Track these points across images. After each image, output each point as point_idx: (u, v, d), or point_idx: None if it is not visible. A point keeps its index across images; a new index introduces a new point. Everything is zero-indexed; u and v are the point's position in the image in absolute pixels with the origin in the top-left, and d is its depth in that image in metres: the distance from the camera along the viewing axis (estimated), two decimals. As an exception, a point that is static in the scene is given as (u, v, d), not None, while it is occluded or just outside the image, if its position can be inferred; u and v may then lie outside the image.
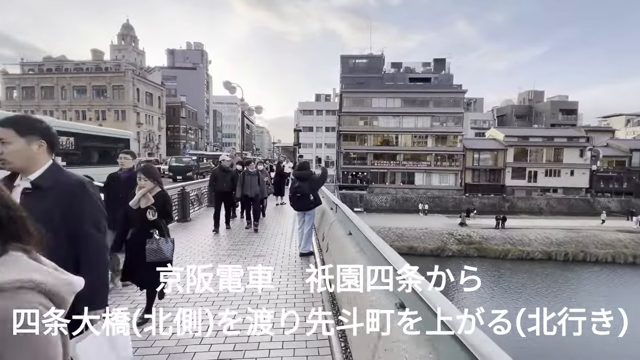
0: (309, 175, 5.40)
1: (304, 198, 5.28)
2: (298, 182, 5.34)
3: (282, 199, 11.44)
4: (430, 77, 48.22)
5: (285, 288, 4.04)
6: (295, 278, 4.37)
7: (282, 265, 4.93)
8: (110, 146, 10.67)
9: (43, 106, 46.43)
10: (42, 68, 48.62)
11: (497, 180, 42.83)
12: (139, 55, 59.91)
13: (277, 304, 3.58)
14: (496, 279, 21.68)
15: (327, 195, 7.22)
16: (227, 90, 12.94)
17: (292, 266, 4.86)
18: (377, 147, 44.71)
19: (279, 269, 4.70)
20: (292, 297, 3.80)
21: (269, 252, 5.60)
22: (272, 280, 4.03)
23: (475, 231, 28.43)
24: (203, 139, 69.64)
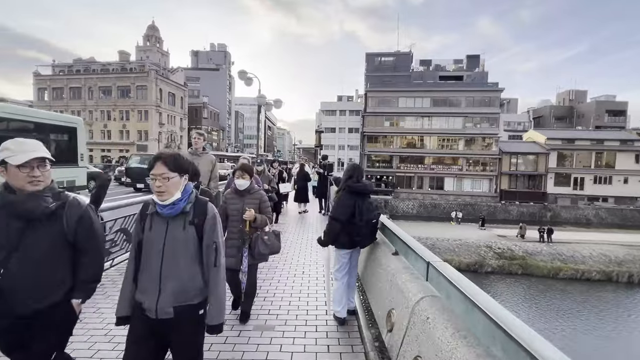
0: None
1: (374, 227, 3.22)
2: (365, 200, 3.07)
3: (305, 206, 9.61)
4: (463, 75, 44.99)
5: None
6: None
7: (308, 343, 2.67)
8: (47, 137, 7.30)
9: (71, 106, 47.37)
10: (71, 69, 49.79)
11: (538, 187, 39.01)
12: (163, 56, 60.45)
13: None
14: (548, 302, 18.72)
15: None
16: (242, 81, 11.11)
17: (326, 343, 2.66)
18: (404, 149, 42.07)
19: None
20: None
21: (282, 314, 3.20)
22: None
23: (517, 244, 25.31)
24: (224, 140, 69.43)
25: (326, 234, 3.03)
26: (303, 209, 9.61)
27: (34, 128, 7.02)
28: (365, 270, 3.34)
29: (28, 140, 1.58)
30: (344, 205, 2.93)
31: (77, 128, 8.16)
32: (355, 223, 2.91)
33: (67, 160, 7.94)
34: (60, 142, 7.86)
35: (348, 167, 3.15)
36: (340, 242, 2.99)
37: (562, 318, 16.95)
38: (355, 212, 2.91)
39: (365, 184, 3.07)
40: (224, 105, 69.35)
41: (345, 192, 2.98)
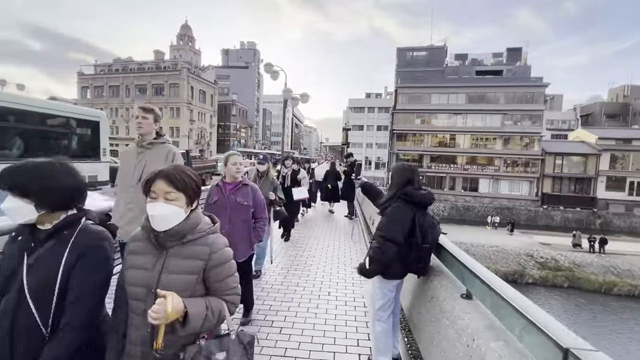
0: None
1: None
2: (426, 214, 2.31)
3: (332, 205, 9.08)
4: (502, 70, 42.03)
5: None
6: None
7: None
8: (68, 131, 7.00)
9: (110, 104, 49.90)
10: (111, 69, 52.40)
11: (586, 191, 35.59)
12: (195, 54, 62.10)
13: None
14: (601, 320, 16.69)
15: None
16: (268, 74, 10.54)
17: None
18: (436, 148, 40.08)
19: None
20: None
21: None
22: None
23: (563, 254, 23.01)
24: (252, 137, 70.36)
25: (374, 261, 2.17)
26: (331, 207, 9.02)
27: (53, 121, 6.81)
28: (413, 306, 2.50)
29: None
30: (400, 221, 2.15)
31: (99, 122, 7.92)
32: (415, 244, 2.15)
33: (88, 155, 7.74)
34: (81, 136, 7.67)
35: (402, 169, 2.36)
36: (391, 272, 2.21)
37: (621, 339, 14.99)
38: (416, 230, 2.14)
39: (428, 192, 2.29)
40: (252, 103, 70.19)
41: (401, 203, 2.19)
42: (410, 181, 2.21)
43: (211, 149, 52.36)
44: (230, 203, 2.75)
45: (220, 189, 2.83)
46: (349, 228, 6.67)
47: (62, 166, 1.18)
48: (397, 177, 2.29)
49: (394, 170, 2.38)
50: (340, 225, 7.30)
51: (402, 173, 2.29)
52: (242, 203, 2.77)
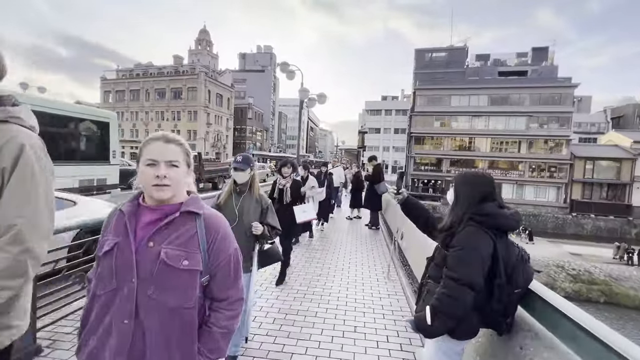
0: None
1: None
2: (510, 244, 1.60)
3: (358, 212, 8.47)
4: (527, 70, 40.22)
5: None
6: None
7: None
8: (76, 132, 6.72)
9: (130, 107, 51.14)
10: (132, 73, 53.78)
11: (620, 198, 33.31)
12: (213, 58, 63.01)
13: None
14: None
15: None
16: (284, 73, 10.05)
17: None
18: (455, 152, 38.65)
19: None
20: None
21: None
22: None
23: (598, 266, 21.35)
24: (268, 140, 70.57)
25: (443, 314, 1.44)
26: (356, 214, 8.43)
27: (62, 122, 6.49)
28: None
29: None
30: (478, 255, 1.44)
31: (109, 123, 7.60)
32: (499, 288, 1.46)
33: (98, 157, 7.43)
34: (91, 138, 7.36)
35: (475, 179, 1.66)
36: (463, 329, 1.51)
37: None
38: (499, 267, 1.45)
39: (515, 212, 1.58)
40: (268, 106, 70.48)
41: (474, 228, 1.48)
42: (487, 196, 1.55)
43: (227, 151, 52.70)
44: (141, 260, 1.02)
45: (125, 223, 1.05)
46: (371, 238, 5.96)
47: None
48: (468, 190, 1.60)
49: (462, 180, 1.68)
50: (362, 237, 6.46)
51: (476, 185, 1.61)
52: (172, 263, 1.02)
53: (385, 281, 3.89)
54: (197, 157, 13.67)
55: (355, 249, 5.53)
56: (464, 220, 1.50)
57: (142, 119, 50.51)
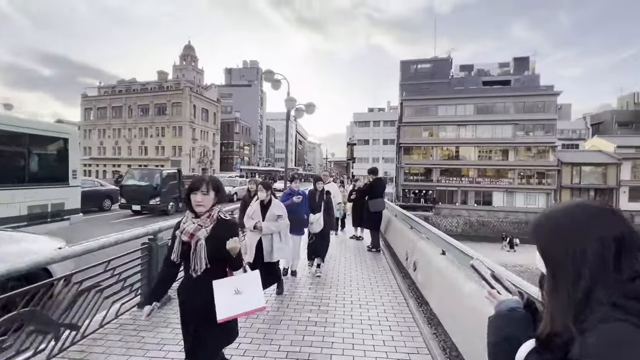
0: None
1: None
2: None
3: (362, 231, 7.40)
4: (510, 80, 41.03)
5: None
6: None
7: None
8: (27, 150, 5.82)
9: (113, 124, 49.64)
10: (114, 90, 52.48)
11: (608, 202, 33.39)
12: (198, 74, 62.39)
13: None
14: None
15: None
16: (269, 83, 9.36)
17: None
18: (445, 161, 38.60)
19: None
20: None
21: None
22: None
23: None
24: (256, 155, 69.65)
25: None
26: (360, 234, 7.35)
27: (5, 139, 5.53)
28: None
29: None
30: None
31: (68, 140, 6.64)
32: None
33: (53, 179, 6.42)
34: (45, 157, 6.38)
35: (587, 221, 0.71)
36: None
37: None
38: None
39: None
40: (256, 120, 69.91)
41: (626, 329, 0.59)
42: (627, 249, 0.69)
43: (214, 167, 51.45)
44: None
45: None
46: (376, 264, 5.08)
47: None
48: (582, 245, 0.69)
49: (558, 230, 0.75)
50: (368, 267, 5.34)
51: (596, 230, 0.70)
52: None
53: (399, 329, 3.05)
54: (176, 175, 12.61)
55: (357, 282, 4.69)
56: (592, 313, 0.64)
57: (124, 136, 49.00)
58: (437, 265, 2.87)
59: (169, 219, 8.26)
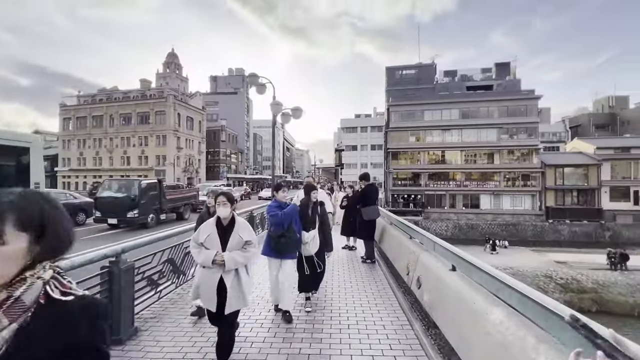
0: None
1: None
2: None
3: (354, 241, 6.96)
4: (492, 85, 41.92)
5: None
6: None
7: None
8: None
9: (93, 134, 48.00)
10: (95, 99, 50.90)
11: (590, 202, 34.38)
12: (182, 81, 61.37)
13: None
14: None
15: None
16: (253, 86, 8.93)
17: None
18: (432, 165, 38.85)
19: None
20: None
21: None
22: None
23: (584, 273, 21.17)
24: (243, 163, 68.67)
25: None
26: (352, 243, 6.95)
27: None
28: None
29: None
30: None
31: (29, 149, 6.00)
32: None
33: (12, 193, 5.72)
34: (2, 168, 5.72)
35: None
36: None
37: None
38: None
39: None
40: (242, 128, 69.13)
41: None
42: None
43: (200, 176, 50.28)
44: None
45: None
46: (370, 276, 4.63)
47: None
48: None
49: None
50: (364, 281, 4.89)
51: None
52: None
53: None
54: (156, 185, 11.89)
55: (353, 300, 4.25)
56: None
57: (106, 146, 47.40)
58: (449, 285, 2.48)
59: (146, 233, 7.66)
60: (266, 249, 3.61)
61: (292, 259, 3.63)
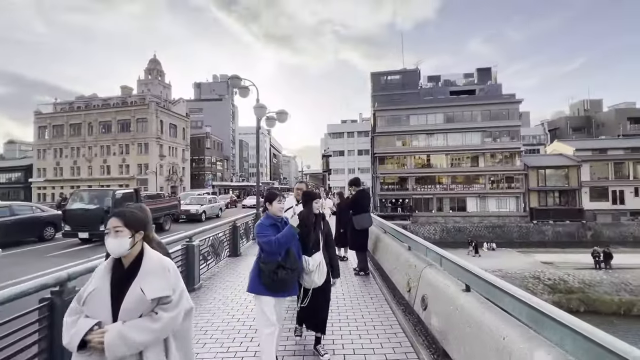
0: None
1: None
2: None
3: (345, 251, 6.52)
4: (475, 89, 42.80)
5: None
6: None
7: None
8: None
9: (71, 143, 46.12)
10: (72, 106, 49.03)
11: (572, 203, 35.24)
12: (165, 88, 60.06)
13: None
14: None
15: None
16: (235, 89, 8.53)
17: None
18: (419, 169, 39.10)
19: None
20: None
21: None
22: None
23: (570, 273, 21.45)
24: (229, 170, 67.50)
25: None
26: (342, 254, 6.50)
27: None
28: None
29: None
30: None
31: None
32: None
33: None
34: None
35: None
36: None
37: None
38: None
39: None
40: (228, 135, 68.10)
41: None
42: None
43: (184, 184, 48.97)
44: None
45: None
46: (363, 291, 4.21)
47: None
48: None
49: None
50: (357, 296, 4.49)
51: None
52: None
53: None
54: (132, 195, 11.13)
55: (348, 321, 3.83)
56: None
57: (84, 155, 45.56)
58: (465, 309, 2.10)
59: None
60: (254, 285, 2.55)
61: (293, 295, 2.70)
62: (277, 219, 2.59)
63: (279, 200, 2.61)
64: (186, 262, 4.64)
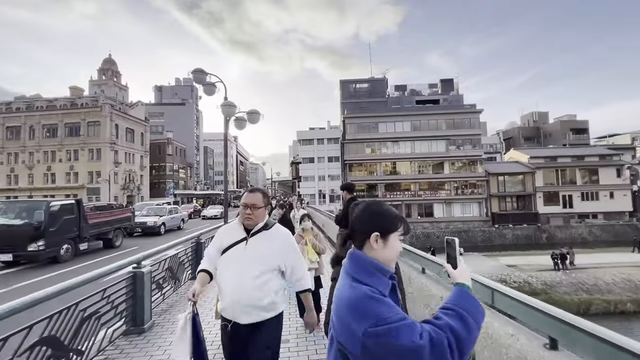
0: None
1: None
2: None
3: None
4: (439, 99, 44.55)
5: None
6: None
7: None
8: None
9: (7, 148, 41.08)
10: (10, 107, 43.80)
11: (528, 207, 37.45)
12: (121, 90, 55.94)
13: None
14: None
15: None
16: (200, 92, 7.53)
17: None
18: (388, 176, 39.58)
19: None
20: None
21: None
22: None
23: (533, 275, 22.36)
24: (192, 178, 64.12)
25: None
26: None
27: None
28: None
29: None
30: None
31: None
32: None
33: None
34: None
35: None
36: None
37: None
38: None
39: None
40: (192, 141, 64.92)
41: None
42: None
43: (142, 193, 45.46)
44: None
45: None
46: None
47: None
48: None
49: None
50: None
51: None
52: None
53: None
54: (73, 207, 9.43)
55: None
56: None
57: (24, 162, 40.71)
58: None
59: (52, 272, 5.68)
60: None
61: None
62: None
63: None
64: (133, 295, 3.57)
